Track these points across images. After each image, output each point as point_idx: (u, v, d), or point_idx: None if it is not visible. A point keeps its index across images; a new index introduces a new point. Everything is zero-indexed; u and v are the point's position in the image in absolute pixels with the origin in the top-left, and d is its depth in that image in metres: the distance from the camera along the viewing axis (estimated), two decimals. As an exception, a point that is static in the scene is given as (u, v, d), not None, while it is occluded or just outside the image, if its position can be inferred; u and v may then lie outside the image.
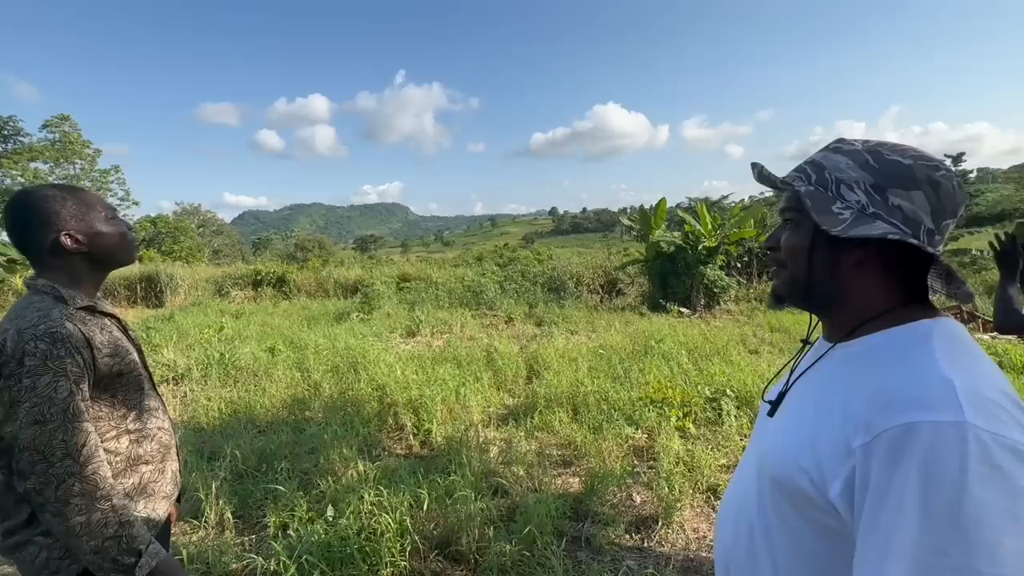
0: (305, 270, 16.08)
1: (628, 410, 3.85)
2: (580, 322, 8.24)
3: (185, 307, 12.01)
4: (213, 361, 5.45)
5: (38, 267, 1.08)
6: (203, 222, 44.78)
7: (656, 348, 5.68)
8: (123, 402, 1.13)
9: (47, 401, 0.94)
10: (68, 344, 0.98)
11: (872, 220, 0.62)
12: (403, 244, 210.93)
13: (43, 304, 1.02)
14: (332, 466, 3.04)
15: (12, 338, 0.95)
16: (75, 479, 0.95)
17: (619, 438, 3.38)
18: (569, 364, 5.14)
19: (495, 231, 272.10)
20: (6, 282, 13.25)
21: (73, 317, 1.02)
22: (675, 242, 10.38)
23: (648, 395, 4.07)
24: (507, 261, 19.35)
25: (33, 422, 0.93)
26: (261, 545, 2.36)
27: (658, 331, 6.76)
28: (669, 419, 3.65)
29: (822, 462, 0.57)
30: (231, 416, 4.02)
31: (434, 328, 7.91)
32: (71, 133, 34.32)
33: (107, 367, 1.06)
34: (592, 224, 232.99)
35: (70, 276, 1.09)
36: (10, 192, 31.89)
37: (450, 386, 4.32)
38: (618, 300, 10.99)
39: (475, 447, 3.29)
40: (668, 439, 3.28)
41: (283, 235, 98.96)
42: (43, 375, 0.94)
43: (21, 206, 1.06)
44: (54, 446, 0.94)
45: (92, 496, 0.96)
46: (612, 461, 3.10)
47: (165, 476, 1.22)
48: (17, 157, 32.33)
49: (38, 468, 0.93)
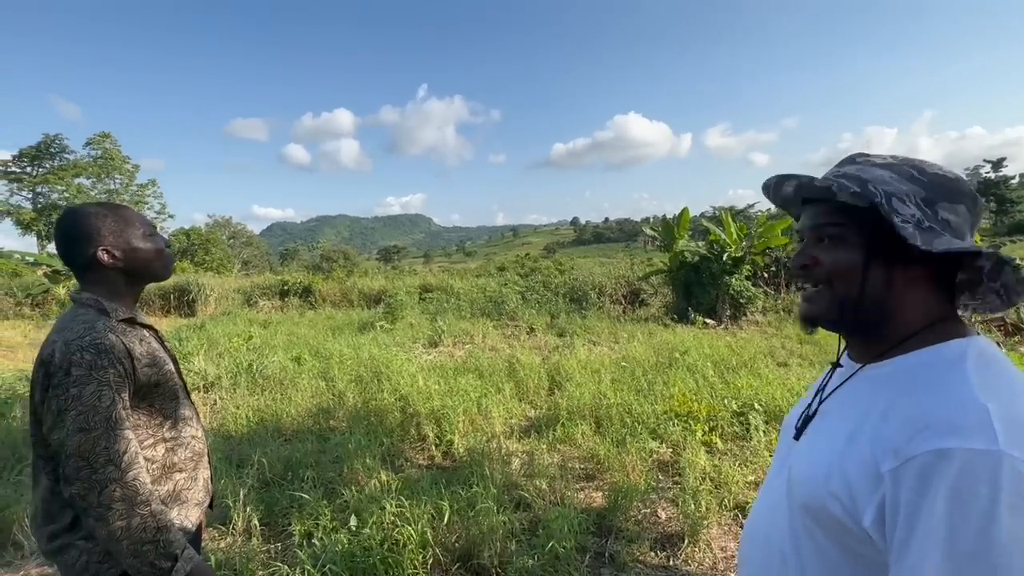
0: (330, 280, 16.39)
1: (652, 423, 3.79)
2: (602, 333, 8.17)
3: (215, 316, 12.36)
4: (242, 370, 5.58)
5: (82, 280, 1.14)
6: (234, 234, 46.23)
7: (681, 360, 5.58)
8: (159, 411, 1.17)
9: (91, 410, 0.98)
10: (111, 355, 1.02)
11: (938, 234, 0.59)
12: (426, 255, 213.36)
13: (88, 316, 1.07)
14: (356, 475, 3.07)
15: (60, 349, 1.00)
16: (117, 485, 0.98)
17: (643, 452, 3.32)
18: (591, 376, 5.09)
19: (517, 241, 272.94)
20: (50, 292, 13.91)
21: (115, 329, 1.07)
22: (699, 252, 10.22)
23: (673, 408, 4.00)
24: (529, 271, 19.36)
25: (78, 430, 0.97)
26: (286, 553, 2.39)
27: (682, 343, 6.64)
28: (694, 433, 3.57)
29: (853, 488, 0.56)
30: (258, 424, 4.10)
31: (456, 338, 7.94)
32: (112, 149, 36.01)
33: (146, 377, 1.10)
34: (614, 234, 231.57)
35: (110, 289, 1.14)
36: (56, 206, 33.64)
37: (472, 397, 4.32)
38: (641, 311, 10.86)
39: (497, 459, 3.27)
40: (694, 454, 3.20)
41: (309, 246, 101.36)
42: (88, 385, 0.99)
43: (67, 222, 1.12)
44: (97, 453, 0.98)
45: (132, 501, 0.99)
46: (636, 476, 3.05)
47: (197, 483, 1.26)
48: (62, 173, 34.08)
49: (83, 474, 0.97)
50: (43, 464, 1.07)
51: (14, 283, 14.42)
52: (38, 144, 34.27)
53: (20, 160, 34.23)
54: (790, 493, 0.67)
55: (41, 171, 34.30)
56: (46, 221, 33.03)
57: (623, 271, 12.79)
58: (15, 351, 8.90)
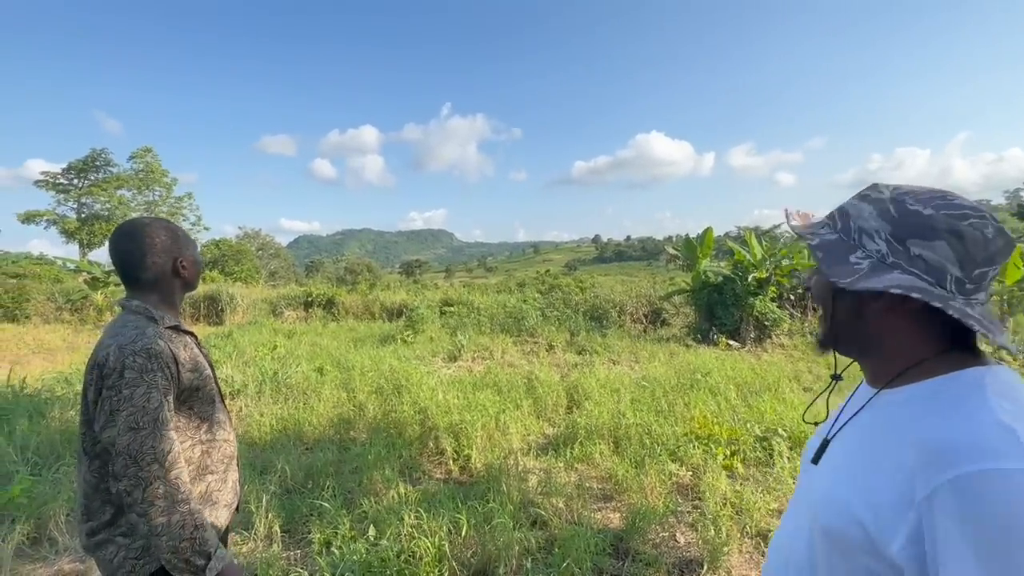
0: (354, 293, 16.68)
1: (672, 445, 3.73)
2: (623, 352, 8.10)
3: (243, 325, 12.68)
4: (267, 378, 5.72)
5: (133, 289, 1.22)
6: (262, 245, 47.53)
7: (702, 382, 5.50)
8: (198, 414, 1.23)
9: (141, 410, 1.05)
10: (160, 359, 1.09)
11: (889, 270, 0.62)
12: (447, 269, 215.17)
13: (139, 323, 1.14)
14: (374, 486, 3.11)
15: (114, 353, 1.07)
16: (160, 483, 1.04)
17: (662, 474, 3.27)
18: (611, 395, 5.05)
19: (537, 258, 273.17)
20: (89, 298, 14.52)
21: (163, 335, 1.14)
22: (723, 272, 10.09)
23: (693, 431, 3.93)
24: (549, 288, 19.33)
25: (129, 429, 1.04)
26: (306, 560, 2.43)
27: (704, 364, 6.54)
28: (715, 457, 3.51)
29: (879, 514, 0.57)
30: (281, 432, 4.19)
31: (475, 353, 7.98)
32: (153, 163, 37.66)
33: (188, 381, 1.17)
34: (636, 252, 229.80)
35: (161, 298, 1.22)
36: (98, 216, 35.25)
37: (490, 412, 4.34)
38: (663, 331, 10.73)
39: (514, 475, 3.27)
40: (714, 478, 3.15)
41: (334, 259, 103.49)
42: (139, 387, 1.06)
43: (140, 233, 1.20)
44: (144, 451, 1.04)
45: (173, 499, 1.05)
46: (654, 498, 3.01)
47: (227, 486, 1.31)
48: (106, 185, 35.75)
49: (130, 471, 1.03)
50: (88, 462, 1.13)
51: (56, 288, 15.09)
52: (86, 158, 36.10)
53: (68, 173, 36.07)
54: (810, 518, 0.68)
55: (87, 183, 36.04)
56: (88, 230, 34.61)
57: (644, 290, 12.67)
58: (55, 354, 9.29)
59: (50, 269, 17.80)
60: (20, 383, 5.29)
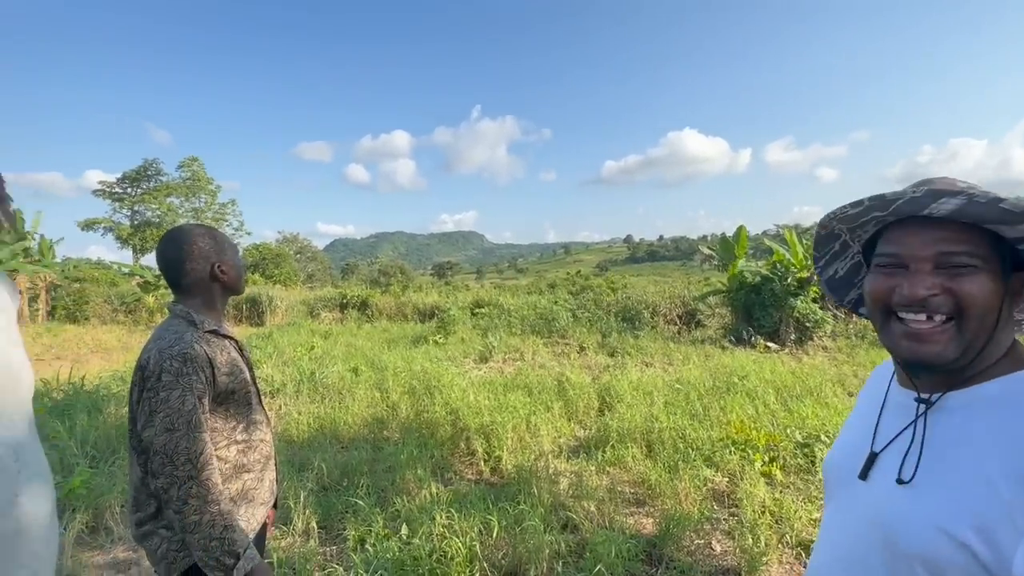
0: (387, 295, 17.01)
1: (707, 450, 3.64)
2: (656, 354, 7.95)
3: (282, 326, 13.13)
4: (304, 378, 5.90)
5: (179, 293, 1.28)
6: (300, 249, 49.11)
7: (739, 385, 5.34)
8: (234, 415, 1.28)
9: (176, 412, 1.10)
10: (196, 363, 1.14)
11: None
12: (478, 271, 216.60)
13: (179, 327, 1.20)
14: (407, 485, 3.15)
15: (154, 356, 1.13)
16: (193, 482, 1.09)
17: (696, 480, 3.19)
18: (643, 398, 4.96)
19: (568, 258, 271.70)
20: (141, 300, 15.35)
21: (201, 339, 1.19)
22: (761, 272, 9.78)
23: (729, 435, 3.82)
24: (580, 289, 19.18)
25: (165, 430, 1.09)
26: (341, 556, 2.49)
27: (741, 366, 6.35)
28: (753, 463, 3.40)
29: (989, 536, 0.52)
30: (318, 431, 4.31)
31: (506, 354, 8.00)
32: (199, 171, 39.48)
33: (224, 384, 1.22)
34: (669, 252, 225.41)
35: (204, 302, 1.28)
36: (150, 223, 37.24)
37: (521, 414, 4.34)
38: (697, 332, 10.48)
39: (545, 478, 3.26)
40: (752, 485, 3.05)
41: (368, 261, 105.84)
42: (175, 390, 1.11)
43: (183, 240, 1.26)
44: (179, 452, 1.09)
45: (205, 499, 1.09)
46: (689, 504, 2.94)
47: (263, 484, 1.36)
48: (157, 193, 37.72)
49: (166, 469, 1.08)
50: (136, 457, 1.19)
51: (111, 292, 16.02)
52: (138, 167, 38.22)
53: (122, 182, 38.26)
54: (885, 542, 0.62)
55: (139, 191, 38.14)
56: (140, 236, 36.63)
57: (678, 290, 12.41)
58: (111, 353, 9.86)
59: (106, 273, 18.89)
60: (80, 380, 5.64)
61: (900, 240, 0.64)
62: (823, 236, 0.77)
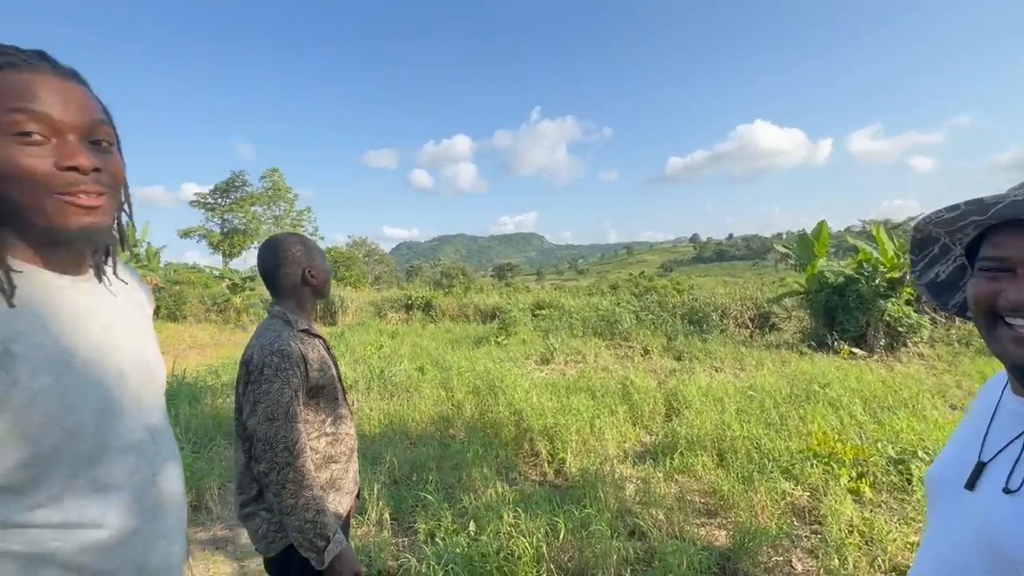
0: (449, 296, 17.45)
1: (785, 462, 3.43)
2: (726, 358, 7.59)
3: (352, 326, 13.85)
4: (374, 375, 6.19)
5: (275, 296, 1.40)
6: (368, 252, 51.56)
7: (820, 393, 4.98)
8: (323, 409, 1.37)
9: (276, 403, 1.20)
10: (291, 360, 1.24)
11: None
12: (538, 272, 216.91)
13: (277, 327, 1.31)
14: (473, 483, 3.23)
15: (257, 353, 1.24)
16: (290, 468, 1.18)
17: (774, 492, 3.02)
18: (713, 404, 4.76)
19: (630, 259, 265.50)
20: (229, 301, 16.77)
21: (296, 338, 1.30)
22: (845, 272, 9.05)
23: (810, 447, 3.58)
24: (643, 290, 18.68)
25: (267, 419, 1.19)
26: (413, 548, 2.59)
27: (823, 374, 5.92)
28: (838, 478, 3.16)
29: None
30: (388, 426, 4.51)
31: (568, 356, 7.95)
32: (279, 181, 42.51)
33: (315, 380, 1.31)
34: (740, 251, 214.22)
35: (297, 304, 1.39)
36: (237, 230, 40.60)
37: (584, 417, 4.30)
38: (772, 336, 9.88)
39: (610, 482, 3.21)
40: (837, 502, 2.84)
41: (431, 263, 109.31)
42: (275, 383, 1.21)
43: (280, 248, 1.38)
44: (278, 440, 1.19)
45: (300, 484, 1.18)
46: (766, 518, 2.78)
47: (348, 475, 1.44)
48: (243, 203, 41.06)
49: (267, 456, 1.19)
50: (241, 444, 1.31)
51: (205, 293, 17.62)
52: (227, 179, 41.80)
53: (214, 193, 42.01)
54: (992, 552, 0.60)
55: (227, 201, 41.69)
56: (229, 242, 40.03)
57: (751, 292, 11.76)
58: (205, 349, 10.84)
59: (200, 276, 20.80)
60: (182, 373, 6.26)
61: (1005, 243, 0.61)
62: (919, 240, 0.75)
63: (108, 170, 0.67)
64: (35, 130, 0.60)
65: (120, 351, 0.72)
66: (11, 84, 0.60)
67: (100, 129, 0.67)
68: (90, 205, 0.65)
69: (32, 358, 0.60)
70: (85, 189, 0.64)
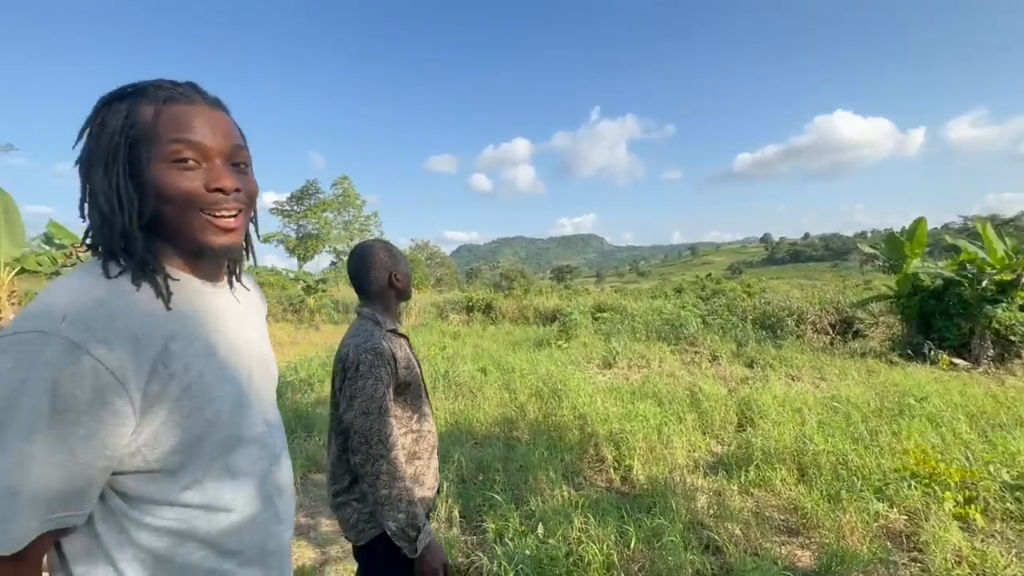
0: (509, 298, 17.60)
1: (877, 481, 3.16)
2: (803, 366, 7.10)
3: (416, 327, 14.31)
4: (439, 375, 6.36)
5: (364, 298, 1.48)
6: (430, 255, 53.11)
7: (917, 407, 4.54)
8: (409, 406, 1.43)
9: (370, 399, 1.27)
10: (383, 357, 1.31)
11: None
12: (597, 274, 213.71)
13: (368, 327, 1.38)
14: (539, 486, 3.23)
15: (352, 351, 1.32)
16: (384, 460, 1.24)
17: (864, 513, 2.79)
18: (791, 415, 4.47)
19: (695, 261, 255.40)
20: (304, 302, 17.88)
21: (385, 337, 1.37)
22: (943, 273, 8.21)
23: (907, 467, 3.27)
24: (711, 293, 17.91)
25: (362, 413, 1.26)
26: (482, 546, 2.64)
27: (919, 386, 5.39)
28: (941, 502, 2.87)
29: None
30: (454, 426, 4.62)
31: (631, 361, 7.77)
32: (349, 189, 44.81)
33: (403, 377, 1.38)
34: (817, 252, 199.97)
35: (384, 306, 1.47)
36: (310, 235, 43.25)
37: (651, 424, 4.18)
38: (856, 343, 9.12)
39: (681, 493, 3.10)
40: (942, 528, 2.58)
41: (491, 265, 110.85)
42: (369, 379, 1.28)
43: (370, 254, 1.46)
44: (373, 433, 1.25)
45: (393, 475, 1.24)
46: (855, 540, 2.58)
47: (430, 471, 1.50)
48: (316, 209, 43.69)
49: (362, 448, 1.25)
50: (334, 437, 1.40)
51: (282, 294, 18.89)
52: (302, 188, 44.66)
53: (290, 201, 45.04)
54: None
55: (302, 208, 44.53)
56: (303, 247, 42.71)
57: (831, 295, 10.93)
58: (283, 347, 11.62)
59: (279, 279, 22.34)
60: (265, 369, 6.74)
61: None
62: None
63: (245, 190, 0.76)
64: (190, 156, 0.69)
65: (248, 350, 0.81)
66: (172, 116, 0.69)
67: (240, 153, 0.76)
68: (228, 227, 0.73)
69: (185, 355, 0.68)
70: (226, 207, 0.72)
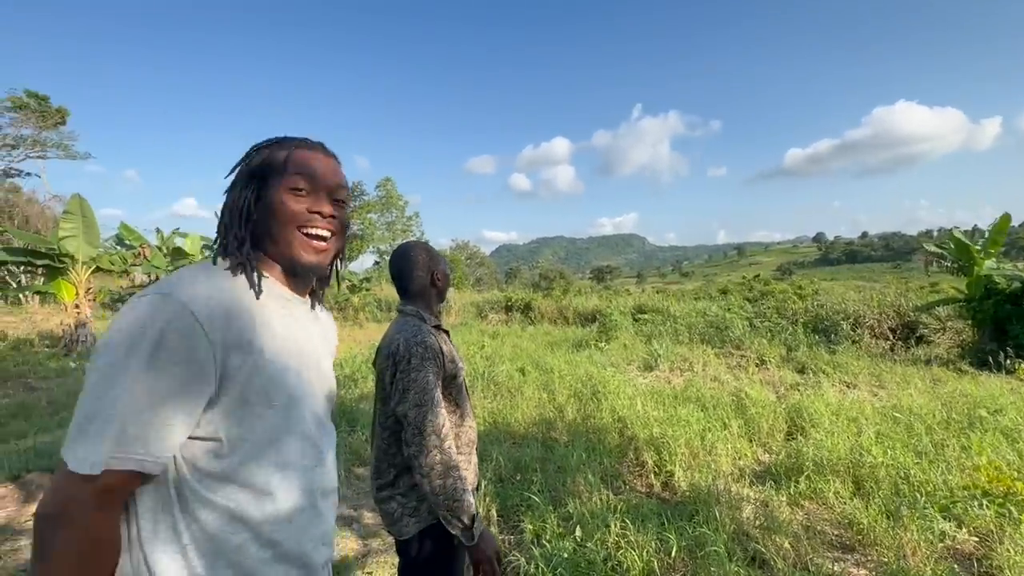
0: (548, 298, 17.55)
1: (943, 498, 2.94)
2: (860, 373, 6.72)
3: (455, 326, 14.50)
4: (478, 375, 6.42)
5: (406, 297, 1.51)
6: (470, 255, 53.73)
7: (990, 420, 4.20)
8: (454, 399, 1.46)
9: (423, 391, 1.29)
10: (432, 350, 1.34)
11: None
12: (638, 275, 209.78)
13: (415, 323, 1.42)
14: (577, 488, 3.20)
15: (403, 344, 1.35)
16: (437, 451, 1.26)
17: (929, 532, 2.60)
18: (846, 425, 4.23)
19: (742, 261, 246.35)
20: (348, 300, 18.48)
21: (431, 332, 1.40)
22: (1021, 276, 7.57)
23: (978, 484, 3.03)
24: (758, 295, 17.22)
25: (415, 405, 1.29)
26: (520, 547, 2.64)
27: (992, 397, 4.99)
28: (1018, 524, 2.64)
29: None
30: (492, 425, 4.65)
31: (673, 364, 7.59)
32: (391, 190, 45.93)
33: (449, 370, 1.40)
34: (876, 252, 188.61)
35: (426, 304, 1.50)
36: (355, 235, 44.65)
37: (694, 429, 4.06)
38: (919, 350, 8.53)
39: (725, 502, 3.00)
40: (1018, 552, 2.37)
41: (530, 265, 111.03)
42: (421, 371, 1.31)
43: (409, 254, 1.50)
44: (426, 424, 1.27)
45: (447, 465, 1.26)
46: (918, 561, 2.41)
47: (470, 468, 1.51)
48: (360, 211, 45.11)
49: (416, 439, 1.28)
50: (380, 431, 1.43)
51: (328, 293, 19.60)
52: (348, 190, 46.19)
53: (337, 203, 46.65)
54: None
55: (348, 210, 46.03)
56: (348, 247, 44.12)
57: (891, 298, 10.28)
58: (330, 343, 12.05)
59: (326, 278, 23.20)
60: (312, 365, 7.02)
61: None
62: None
63: (339, 219, 0.92)
64: (303, 187, 0.86)
65: (308, 358, 0.89)
66: (300, 157, 0.87)
67: (340, 191, 0.93)
68: (319, 248, 0.87)
69: (263, 338, 0.79)
70: (320, 226, 0.87)
